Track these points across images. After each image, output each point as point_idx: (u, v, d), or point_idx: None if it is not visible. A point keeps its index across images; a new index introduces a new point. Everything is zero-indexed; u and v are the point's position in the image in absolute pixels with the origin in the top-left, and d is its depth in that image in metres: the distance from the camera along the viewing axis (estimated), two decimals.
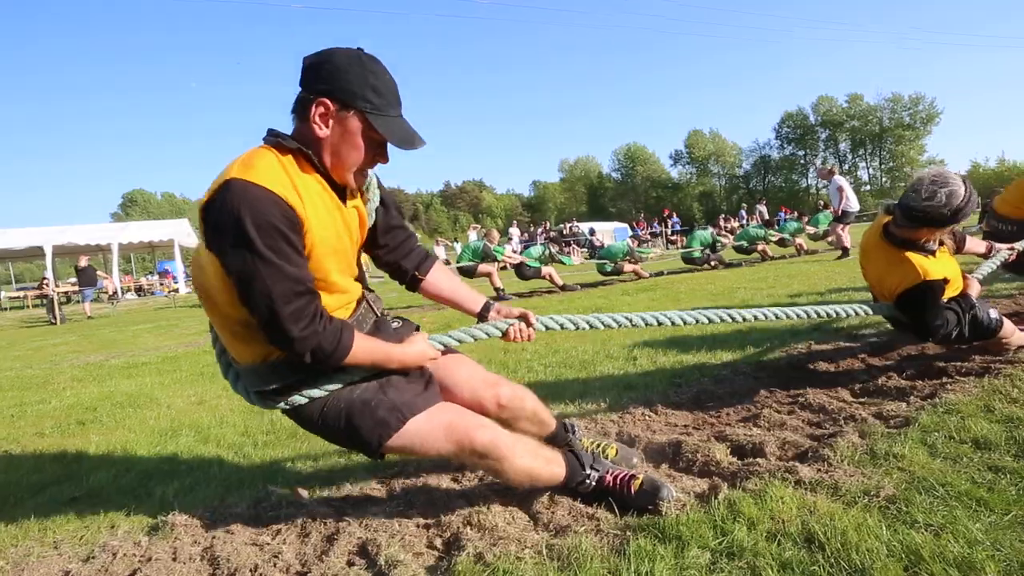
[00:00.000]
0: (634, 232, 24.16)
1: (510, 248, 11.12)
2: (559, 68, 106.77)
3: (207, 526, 1.72)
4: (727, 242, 11.41)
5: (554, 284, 9.07)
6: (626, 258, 9.74)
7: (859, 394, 2.45)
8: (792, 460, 1.76)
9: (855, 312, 2.38)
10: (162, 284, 22.46)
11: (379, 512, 1.69)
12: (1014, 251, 2.84)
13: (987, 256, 2.85)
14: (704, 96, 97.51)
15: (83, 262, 14.01)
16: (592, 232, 25.45)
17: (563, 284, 9.11)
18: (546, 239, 14.59)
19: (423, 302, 7.19)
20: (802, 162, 57.04)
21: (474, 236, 19.27)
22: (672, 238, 25.76)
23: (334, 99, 1.26)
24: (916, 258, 2.26)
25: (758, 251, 11.12)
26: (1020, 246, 2.87)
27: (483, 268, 8.74)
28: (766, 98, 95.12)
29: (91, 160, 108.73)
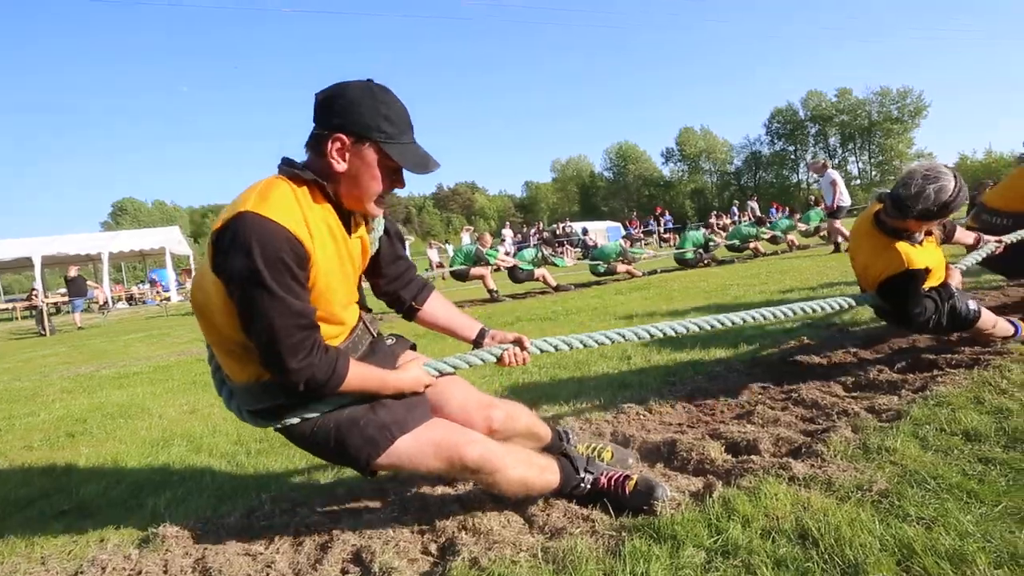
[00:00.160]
0: (627, 231, 24.26)
1: (503, 251, 11.11)
2: (550, 68, 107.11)
3: (199, 537, 1.70)
4: (720, 241, 11.48)
5: (548, 285, 9.08)
6: (619, 258, 9.77)
7: (851, 388, 2.46)
8: (786, 456, 1.77)
9: (840, 305, 2.40)
10: (156, 293, 22.25)
11: (373, 519, 1.68)
12: (1002, 244, 2.85)
13: (975, 247, 2.87)
14: (695, 93, 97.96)
15: (73, 272, 13.91)
16: (585, 232, 25.53)
17: (557, 285, 9.13)
18: (539, 240, 14.59)
19: None
20: (792, 157, 57.40)
21: (467, 238, 19.30)
22: (665, 236, 25.86)
23: (349, 133, 1.28)
24: (903, 247, 2.29)
25: (750, 248, 11.19)
26: (1008, 239, 2.87)
27: (476, 271, 8.75)
28: (756, 94, 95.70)
29: (80, 169, 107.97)
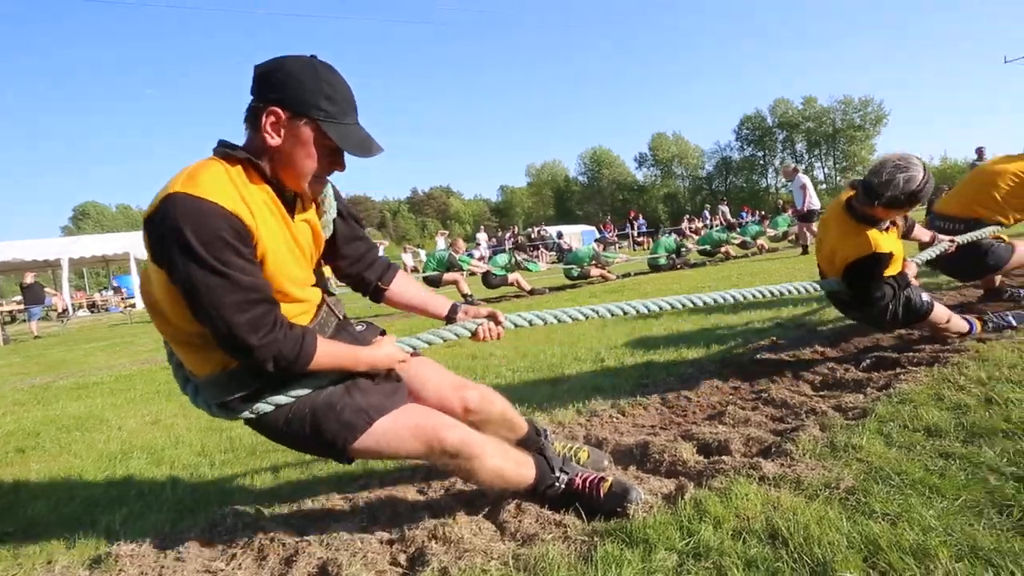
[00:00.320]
0: (601, 234, 24.46)
1: (477, 255, 11.09)
2: (525, 73, 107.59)
3: (156, 555, 1.62)
4: (692, 246, 11.69)
5: (522, 289, 9.08)
6: (592, 262, 9.84)
7: (819, 387, 2.51)
8: (756, 456, 1.78)
9: (805, 289, 2.54)
10: (121, 300, 21.45)
11: (341, 528, 1.63)
12: (954, 243, 3.01)
13: (930, 245, 3.03)
14: (666, 98, 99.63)
15: (29, 279, 13.36)
16: (560, 236, 25.66)
17: (531, 288, 9.13)
18: (513, 245, 14.60)
19: (390, 311, 7.09)
20: (762, 163, 58.83)
21: (442, 243, 19.19)
22: (639, 240, 26.19)
23: (285, 107, 1.23)
24: (872, 233, 2.42)
25: (721, 252, 11.42)
26: (961, 239, 3.03)
27: (449, 276, 8.69)
28: (726, 100, 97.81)
29: (39, 173, 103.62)
